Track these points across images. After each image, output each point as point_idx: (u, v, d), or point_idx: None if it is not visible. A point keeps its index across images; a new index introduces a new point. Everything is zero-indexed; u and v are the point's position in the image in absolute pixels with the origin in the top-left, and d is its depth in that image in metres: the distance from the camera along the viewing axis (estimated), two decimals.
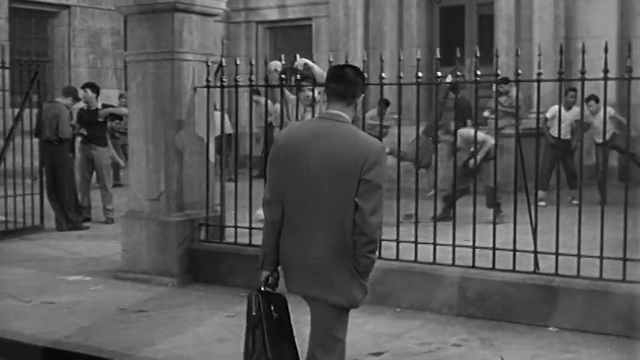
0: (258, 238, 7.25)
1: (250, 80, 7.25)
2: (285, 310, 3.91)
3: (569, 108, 12.84)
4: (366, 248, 3.68)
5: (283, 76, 7.17)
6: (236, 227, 7.51)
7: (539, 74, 6.09)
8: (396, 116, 9.15)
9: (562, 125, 12.44)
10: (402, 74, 6.49)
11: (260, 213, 8.28)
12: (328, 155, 3.70)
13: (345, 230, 3.68)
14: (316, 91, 7.72)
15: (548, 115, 12.66)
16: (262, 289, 3.90)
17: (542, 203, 7.95)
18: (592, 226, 5.96)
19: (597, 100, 12.66)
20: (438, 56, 6.49)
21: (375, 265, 3.79)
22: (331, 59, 6.94)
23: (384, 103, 8.60)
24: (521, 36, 16.10)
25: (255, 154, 17.84)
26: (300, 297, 3.88)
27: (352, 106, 3.86)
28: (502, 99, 13.74)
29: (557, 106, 12.98)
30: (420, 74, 6.42)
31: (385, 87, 6.68)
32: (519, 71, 6.18)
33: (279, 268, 3.91)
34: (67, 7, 18.09)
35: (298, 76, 7.16)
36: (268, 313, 3.85)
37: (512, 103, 14.04)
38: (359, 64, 6.89)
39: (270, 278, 3.91)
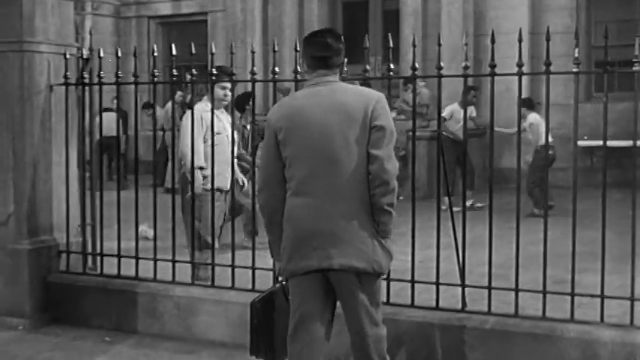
0: (129, 267, 6.09)
1: (117, 77, 5.99)
2: None
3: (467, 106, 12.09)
4: (385, 199, 3.49)
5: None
6: (102, 255, 6.19)
7: (465, 67, 5.05)
8: None
9: (460, 125, 11.70)
10: (299, 69, 5.37)
11: (145, 229, 7.18)
12: (333, 107, 3.54)
13: (362, 187, 3.50)
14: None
15: (446, 114, 11.81)
16: (281, 280, 3.90)
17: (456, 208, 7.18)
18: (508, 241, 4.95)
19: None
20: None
21: None
22: (213, 51, 5.73)
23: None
24: (429, 32, 15.25)
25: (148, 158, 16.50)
26: None
27: (338, 73, 3.73)
28: (409, 97, 12.87)
29: (453, 106, 12.14)
30: None
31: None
32: (441, 64, 5.11)
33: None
34: None
35: (214, 71, 5.89)
36: (280, 304, 3.87)
37: (421, 102, 13.17)
38: (257, 60, 5.82)
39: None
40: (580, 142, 14.92)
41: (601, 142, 14.10)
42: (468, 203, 11.61)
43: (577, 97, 4.81)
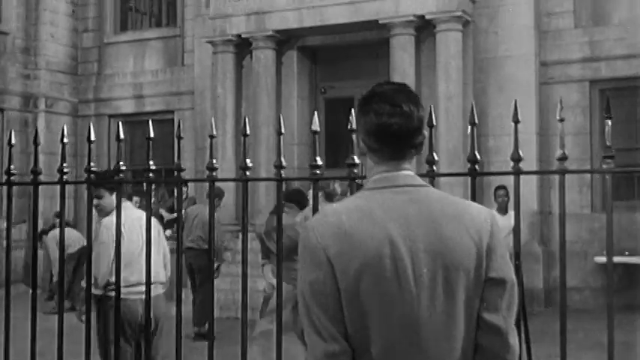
0: None
1: (11, 174, 4.05)
2: None
3: (505, 211, 10.39)
4: None
5: None
6: None
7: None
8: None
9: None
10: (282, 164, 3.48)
11: None
12: (425, 243, 2.27)
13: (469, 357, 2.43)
14: None
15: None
16: None
17: None
18: None
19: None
20: None
21: None
22: (151, 135, 3.83)
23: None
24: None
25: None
26: None
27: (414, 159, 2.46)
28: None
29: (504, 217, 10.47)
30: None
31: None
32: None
33: None
34: None
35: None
36: None
37: None
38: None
39: None
40: (597, 259, 13.13)
41: (622, 258, 12.20)
42: None
43: (610, 199, 3.20)
